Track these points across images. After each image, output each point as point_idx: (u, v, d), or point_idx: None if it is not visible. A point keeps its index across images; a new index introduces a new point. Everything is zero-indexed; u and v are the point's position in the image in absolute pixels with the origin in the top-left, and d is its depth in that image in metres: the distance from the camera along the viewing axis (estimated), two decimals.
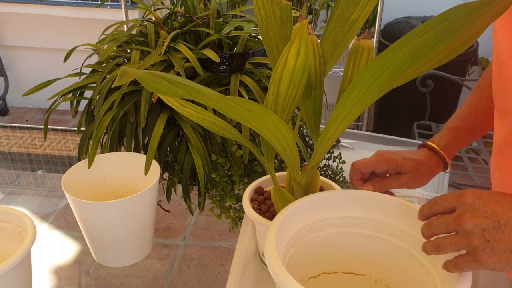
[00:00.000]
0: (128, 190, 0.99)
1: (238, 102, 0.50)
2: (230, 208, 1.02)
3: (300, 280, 0.63)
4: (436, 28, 0.47)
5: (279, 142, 0.58)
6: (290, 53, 0.56)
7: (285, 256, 0.58)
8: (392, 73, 0.50)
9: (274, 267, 0.50)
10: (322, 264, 0.64)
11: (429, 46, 0.48)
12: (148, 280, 1.53)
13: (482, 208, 0.49)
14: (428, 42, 0.47)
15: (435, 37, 0.47)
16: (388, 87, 0.53)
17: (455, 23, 0.46)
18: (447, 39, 0.47)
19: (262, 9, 0.62)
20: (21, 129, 2.35)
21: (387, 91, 0.54)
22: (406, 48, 0.48)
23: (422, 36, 0.47)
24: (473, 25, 0.47)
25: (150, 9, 1.08)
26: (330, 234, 0.63)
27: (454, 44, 0.49)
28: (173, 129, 1.01)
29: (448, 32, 0.47)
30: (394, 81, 0.51)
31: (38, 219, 1.78)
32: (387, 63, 0.50)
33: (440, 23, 0.46)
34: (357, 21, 0.61)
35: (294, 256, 0.60)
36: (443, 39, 0.47)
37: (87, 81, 1.06)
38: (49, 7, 2.48)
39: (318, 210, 0.62)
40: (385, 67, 0.50)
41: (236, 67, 0.99)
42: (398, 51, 0.49)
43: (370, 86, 0.52)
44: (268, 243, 0.53)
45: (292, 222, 0.60)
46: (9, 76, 2.76)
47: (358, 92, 0.53)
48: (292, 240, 0.60)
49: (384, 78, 0.51)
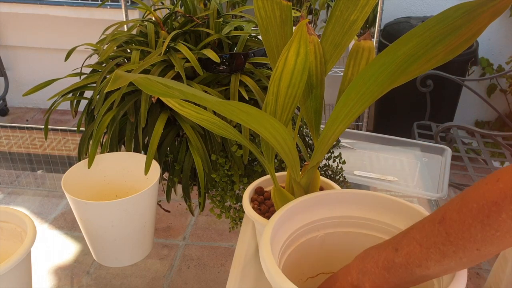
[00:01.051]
0: (128, 190, 0.99)
1: (235, 105, 0.50)
2: (230, 208, 1.02)
3: (298, 280, 0.63)
4: (435, 28, 0.46)
5: (278, 143, 0.58)
6: (290, 53, 0.56)
7: (282, 257, 0.58)
8: (392, 73, 0.50)
9: (269, 268, 0.50)
10: (320, 264, 0.64)
11: (428, 46, 0.48)
12: (148, 280, 1.53)
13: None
14: (427, 41, 0.47)
15: (434, 37, 0.47)
16: (387, 87, 0.53)
17: (454, 23, 0.46)
18: (447, 39, 0.47)
19: (262, 9, 0.62)
20: (21, 129, 2.35)
21: (387, 91, 0.54)
22: (405, 48, 0.48)
23: (421, 36, 0.47)
24: (472, 24, 0.47)
25: (150, 9, 1.08)
26: (328, 234, 0.63)
27: (453, 44, 0.49)
28: (173, 129, 1.01)
29: (447, 32, 0.47)
30: (394, 81, 0.51)
31: (38, 219, 1.78)
32: (387, 63, 0.50)
33: (439, 23, 0.46)
34: (356, 22, 0.61)
35: (292, 257, 0.60)
36: (442, 39, 0.47)
37: (87, 81, 1.06)
38: (49, 7, 2.48)
39: (315, 210, 0.62)
40: (385, 67, 0.50)
41: (236, 67, 0.99)
42: (398, 51, 0.49)
43: (369, 86, 0.52)
44: (263, 245, 0.53)
45: (287, 222, 0.60)
46: (9, 76, 2.76)
47: (358, 92, 0.53)
48: (289, 241, 0.60)
49: (383, 78, 0.51)
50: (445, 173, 1.09)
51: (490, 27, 2.34)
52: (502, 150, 1.92)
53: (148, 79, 0.47)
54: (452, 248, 0.43)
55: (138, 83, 0.47)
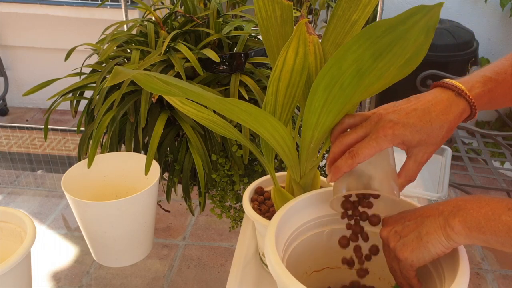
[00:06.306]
0: (128, 190, 0.99)
1: (234, 103, 0.50)
2: (230, 207, 1.02)
3: (303, 273, 0.63)
4: (365, 45, 0.46)
5: (278, 143, 0.58)
6: (289, 52, 0.56)
7: (286, 250, 0.58)
8: (344, 87, 0.50)
9: (275, 266, 0.50)
10: (326, 259, 0.64)
11: (368, 63, 0.47)
12: (148, 280, 1.53)
13: (393, 216, 0.56)
14: (365, 58, 0.47)
15: (371, 55, 0.46)
16: (349, 99, 0.52)
17: (381, 40, 0.45)
18: (383, 56, 0.46)
19: (262, 9, 0.62)
20: (21, 129, 2.35)
21: (355, 101, 0.54)
22: (346, 63, 0.48)
23: (355, 53, 0.47)
24: (404, 42, 0.45)
25: (150, 9, 1.08)
26: (335, 230, 0.63)
27: (397, 61, 0.47)
28: (173, 129, 1.01)
29: (381, 49, 0.45)
30: (349, 95, 0.51)
31: (38, 219, 1.78)
32: (336, 76, 0.49)
33: (367, 40, 0.45)
34: (358, 22, 0.61)
35: (297, 250, 0.60)
36: (378, 56, 0.46)
37: (87, 81, 1.06)
38: (49, 7, 2.47)
39: (322, 206, 0.62)
40: (335, 80, 0.50)
41: (236, 67, 0.99)
42: (341, 65, 0.48)
43: (327, 97, 0.52)
44: (268, 242, 0.53)
45: (294, 216, 0.60)
46: (9, 76, 2.75)
47: (319, 103, 0.53)
48: (295, 234, 0.60)
49: (337, 91, 0.51)
50: (445, 173, 1.09)
51: (490, 27, 2.34)
52: (502, 150, 1.92)
53: (148, 75, 0.47)
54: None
55: (137, 79, 0.47)
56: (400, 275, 0.54)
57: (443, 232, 0.49)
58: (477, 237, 0.48)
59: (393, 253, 0.53)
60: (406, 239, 0.52)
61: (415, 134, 0.53)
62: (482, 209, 0.48)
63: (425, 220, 0.51)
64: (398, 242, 0.52)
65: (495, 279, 1.57)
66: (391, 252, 0.54)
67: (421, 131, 0.53)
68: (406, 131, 0.53)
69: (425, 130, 0.53)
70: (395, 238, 0.53)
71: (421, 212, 0.53)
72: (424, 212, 0.53)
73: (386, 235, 0.54)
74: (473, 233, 0.48)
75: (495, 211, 0.47)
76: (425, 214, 0.52)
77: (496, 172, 1.67)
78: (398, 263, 0.53)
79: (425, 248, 0.50)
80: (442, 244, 0.49)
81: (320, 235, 0.63)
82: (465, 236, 0.48)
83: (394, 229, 0.53)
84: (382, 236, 0.55)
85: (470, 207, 0.49)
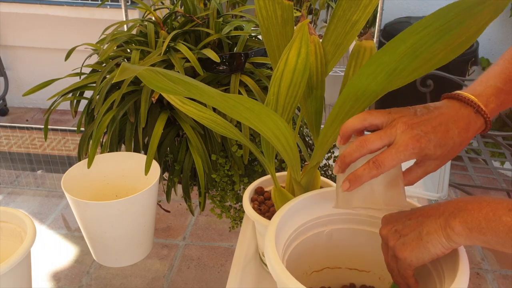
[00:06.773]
0: (128, 190, 0.99)
1: (238, 100, 0.50)
2: (230, 207, 1.02)
3: (303, 273, 0.63)
4: (432, 25, 0.46)
5: (279, 141, 0.58)
6: (291, 53, 0.56)
7: (286, 250, 0.58)
8: (390, 72, 0.50)
9: (275, 266, 0.50)
10: (326, 258, 0.64)
11: (427, 44, 0.47)
12: (148, 280, 1.53)
13: (393, 215, 0.56)
14: (426, 40, 0.47)
15: (432, 35, 0.47)
16: (387, 87, 0.52)
17: (450, 21, 0.46)
18: (445, 37, 0.47)
19: (263, 9, 0.62)
20: (21, 129, 2.35)
21: (387, 92, 0.54)
22: (404, 46, 0.48)
23: (419, 34, 0.47)
24: (471, 23, 0.46)
25: (150, 9, 1.08)
26: (335, 230, 0.63)
27: (453, 43, 0.49)
28: (173, 129, 1.01)
29: (445, 30, 0.46)
30: (392, 80, 0.51)
31: (38, 219, 1.78)
32: (385, 62, 0.49)
33: (436, 21, 0.46)
34: (358, 22, 0.61)
35: (297, 250, 0.60)
36: (440, 38, 0.47)
37: (87, 81, 1.06)
38: (49, 7, 2.47)
39: (322, 205, 0.62)
40: (383, 66, 0.50)
41: (236, 67, 0.99)
42: (396, 49, 0.48)
43: (368, 85, 0.51)
44: (268, 242, 0.53)
45: (294, 216, 0.60)
46: (9, 76, 2.75)
47: (356, 92, 0.52)
48: (295, 234, 0.60)
49: (382, 77, 0.51)
50: (445, 173, 1.09)
51: (490, 27, 2.34)
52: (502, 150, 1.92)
53: (153, 72, 0.47)
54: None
55: (142, 76, 0.47)
56: (397, 274, 0.54)
57: (444, 232, 0.49)
58: (478, 237, 0.48)
59: (392, 252, 0.53)
60: (406, 238, 0.52)
61: (438, 149, 0.54)
62: (482, 210, 0.48)
63: (426, 220, 0.51)
64: (398, 241, 0.52)
65: (495, 279, 1.57)
66: (389, 251, 0.54)
67: (444, 146, 0.54)
68: (431, 145, 0.53)
69: (448, 146, 0.54)
70: (395, 236, 0.53)
71: (422, 211, 0.53)
72: (425, 212, 0.53)
73: (385, 233, 0.54)
74: (474, 234, 0.48)
75: (496, 212, 0.47)
76: (425, 214, 0.52)
77: (496, 172, 1.67)
78: (396, 262, 0.53)
79: (425, 248, 0.50)
80: (442, 245, 0.49)
81: (320, 235, 0.63)
82: (465, 237, 0.48)
83: (394, 228, 0.54)
84: (382, 234, 0.55)
85: (471, 207, 0.49)
